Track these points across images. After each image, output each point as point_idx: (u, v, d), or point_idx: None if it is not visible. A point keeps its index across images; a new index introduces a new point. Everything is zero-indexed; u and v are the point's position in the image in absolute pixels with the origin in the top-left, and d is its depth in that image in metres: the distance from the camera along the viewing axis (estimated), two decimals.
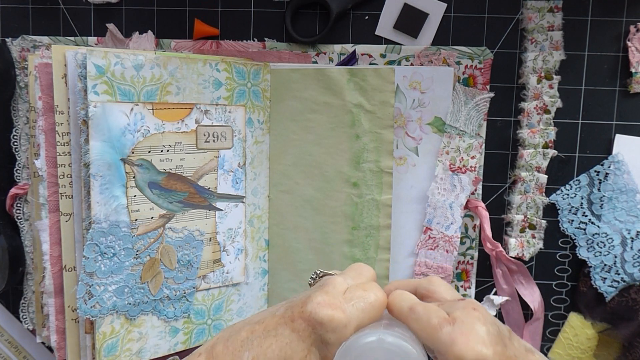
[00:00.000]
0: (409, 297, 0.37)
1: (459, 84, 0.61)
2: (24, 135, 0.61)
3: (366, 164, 0.61)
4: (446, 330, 0.33)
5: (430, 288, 0.40)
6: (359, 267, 0.40)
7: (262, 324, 0.36)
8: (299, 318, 0.35)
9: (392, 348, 0.33)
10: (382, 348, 0.33)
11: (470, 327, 0.33)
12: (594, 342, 0.63)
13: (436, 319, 0.34)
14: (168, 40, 0.62)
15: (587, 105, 0.63)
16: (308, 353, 0.34)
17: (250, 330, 0.36)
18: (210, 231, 0.58)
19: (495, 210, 0.64)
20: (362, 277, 0.39)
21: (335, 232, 0.62)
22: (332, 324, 0.34)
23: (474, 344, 0.32)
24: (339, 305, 0.35)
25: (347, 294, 0.36)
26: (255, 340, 0.35)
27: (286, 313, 0.36)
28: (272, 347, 0.34)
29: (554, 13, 0.60)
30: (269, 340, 0.35)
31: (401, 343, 0.33)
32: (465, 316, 0.34)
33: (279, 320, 0.35)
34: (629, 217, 0.62)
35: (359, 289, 0.36)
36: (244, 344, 0.35)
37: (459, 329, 0.33)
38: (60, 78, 0.53)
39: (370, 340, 0.33)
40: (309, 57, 0.62)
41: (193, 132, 0.56)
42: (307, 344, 0.34)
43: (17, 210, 0.61)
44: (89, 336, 0.54)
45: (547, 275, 0.65)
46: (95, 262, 0.51)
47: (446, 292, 0.39)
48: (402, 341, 0.33)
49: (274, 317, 0.36)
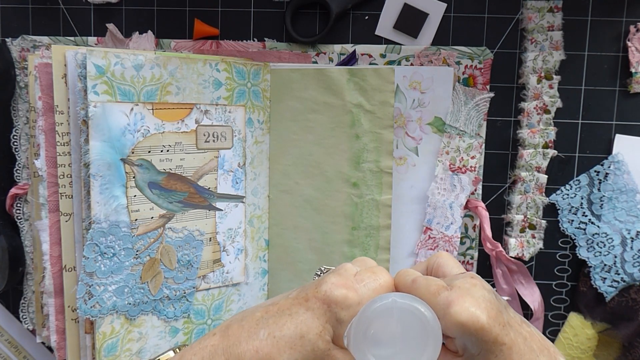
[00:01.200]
0: (412, 272, 0.39)
1: (459, 84, 0.61)
2: (24, 135, 0.61)
3: (366, 164, 0.61)
4: (444, 295, 0.35)
5: (438, 261, 0.41)
6: (363, 259, 0.42)
7: (275, 305, 0.38)
8: (313, 298, 0.36)
9: (406, 307, 0.34)
10: (397, 308, 0.34)
11: (466, 291, 0.35)
12: (594, 342, 0.63)
13: (435, 287, 0.36)
14: (168, 40, 0.62)
15: (587, 105, 0.63)
16: (323, 330, 0.36)
17: (265, 311, 0.38)
18: (210, 231, 0.58)
19: (495, 210, 0.64)
20: (367, 266, 0.41)
21: (335, 232, 0.62)
22: (347, 302, 0.36)
23: (469, 305, 0.34)
24: (351, 285, 0.37)
25: (357, 276, 0.38)
26: (271, 319, 0.37)
27: (300, 294, 0.37)
28: (288, 324, 0.36)
29: (554, 13, 0.60)
30: (284, 319, 0.36)
31: (414, 300, 0.34)
32: (463, 283, 0.36)
33: (293, 302, 0.37)
34: (629, 217, 0.62)
35: (368, 272, 0.39)
36: (259, 323, 0.37)
37: (456, 293, 0.35)
38: (60, 78, 0.53)
39: (384, 302, 0.34)
40: (309, 57, 0.62)
41: (193, 132, 0.56)
42: (321, 321, 0.36)
43: (17, 210, 0.61)
44: (89, 336, 0.54)
45: (547, 275, 0.65)
46: (95, 262, 0.51)
47: (453, 266, 0.41)
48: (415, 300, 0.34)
49: (288, 299, 0.38)
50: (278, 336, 0.36)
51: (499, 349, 0.34)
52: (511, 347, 0.34)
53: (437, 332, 0.33)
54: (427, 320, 0.34)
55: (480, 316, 0.33)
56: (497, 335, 0.34)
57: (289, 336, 0.35)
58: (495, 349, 0.34)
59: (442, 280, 0.37)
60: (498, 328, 0.34)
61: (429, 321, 0.34)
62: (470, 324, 0.33)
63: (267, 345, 0.36)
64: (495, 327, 0.34)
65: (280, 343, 0.35)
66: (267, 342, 0.36)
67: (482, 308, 0.34)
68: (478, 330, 0.33)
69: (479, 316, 0.33)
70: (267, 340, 0.36)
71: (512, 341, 0.34)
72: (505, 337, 0.34)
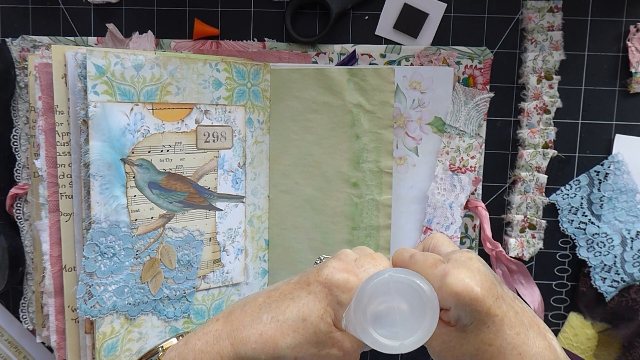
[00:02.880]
0: (409, 249, 0.40)
1: (459, 84, 0.61)
2: (24, 135, 0.61)
3: (366, 164, 0.61)
4: (440, 267, 0.36)
5: (434, 242, 0.42)
6: (363, 247, 0.43)
7: (277, 290, 0.39)
8: (314, 282, 0.37)
9: (402, 280, 0.35)
10: (393, 282, 0.35)
11: (462, 264, 0.36)
12: (594, 342, 0.63)
13: (432, 260, 0.37)
14: (168, 40, 0.62)
15: (587, 105, 0.63)
16: (324, 312, 0.37)
17: (267, 296, 0.39)
18: (210, 231, 0.58)
19: (495, 210, 0.64)
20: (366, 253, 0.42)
21: (335, 232, 0.62)
22: (347, 285, 0.37)
23: (464, 276, 0.35)
24: (352, 270, 0.38)
25: (357, 262, 0.39)
26: (273, 303, 0.38)
27: (301, 279, 0.38)
28: (290, 308, 0.37)
29: (554, 13, 0.60)
30: (287, 303, 0.37)
31: (410, 273, 0.35)
32: (459, 256, 0.37)
33: (295, 286, 0.38)
34: (629, 217, 0.62)
35: (368, 257, 0.40)
36: (262, 307, 0.38)
37: (452, 264, 0.36)
38: (60, 78, 0.53)
39: (381, 277, 0.35)
40: (309, 57, 0.62)
41: (193, 132, 0.56)
42: (323, 304, 0.37)
43: (17, 210, 0.61)
44: (89, 336, 0.54)
45: (547, 275, 0.65)
46: (95, 262, 0.51)
47: (447, 244, 0.42)
48: (411, 274, 0.35)
49: (289, 284, 0.39)
50: (281, 320, 0.37)
51: (491, 320, 0.35)
52: (502, 319, 0.35)
53: (434, 303, 0.34)
54: (424, 292, 0.34)
55: (475, 287, 0.34)
56: (490, 306, 0.34)
57: (291, 319, 0.37)
58: (488, 320, 0.35)
59: (438, 256, 0.38)
60: (491, 300, 0.35)
61: (426, 293, 0.34)
62: (464, 294, 0.34)
63: (270, 328, 0.37)
64: (489, 299, 0.34)
65: (284, 326, 0.36)
66: (271, 326, 0.37)
67: (477, 280, 0.35)
68: (472, 300, 0.34)
69: (473, 287, 0.34)
70: (270, 324, 0.37)
71: (504, 313, 0.35)
72: (498, 309, 0.35)
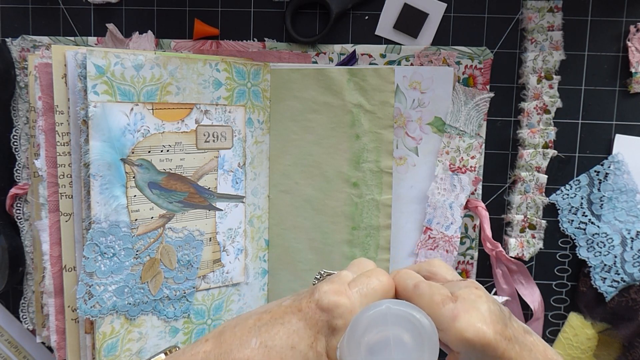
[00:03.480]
0: (414, 276, 0.38)
1: (459, 84, 0.61)
2: (24, 135, 0.61)
3: (366, 164, 0.61)
4: (449, 307, 0.34)
5: (432, 270, 0.41)
6: (360, 261, 0.41)
7: (269, 313, 0.37)
8: (306, 307, 0.36)
9: (400, 313, 0.33)
10: (391, 314, 0.33)
11: (472, 305, 0.34)
12: (594, 342, 0.63)
13: (439, 296, 0.35)
14: (168, 40, 0.62)
15: (587, 105, 0.63)
16: (315, 340, 0.35)
17: (258, 319, 0.37)
18: (210, 231, 0.58)
19: (495, 210, 0.64)
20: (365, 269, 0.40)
21: (335, 232, 0.62)
22: (339, 309, 0.35)
23: (475, 321, 0.33)
24: (344, 292, 0.36)
25: (352, 283, 0.37)
26: (263, 327, 0.36)
27: (293, 303, 0.37)
28: (280, 334, 0.35)
29: (554, 13, 0.60)
30: (277, 328, 0.36)
31: (409, 306, 0.33)
32: (468, 294, 0.35)
33: (286, 310, 0.37)
34: (629, 217, 0.62)
35: (362, 277, 0.38)
36: (251, 331, 0.36)
37: (462, 305, 0.34)
38: (60, 78, 0.53)
39: (378, 309, 0.33)
40: (309, 57, 0.62)
41: (193, 132, 0.56)
42: (313, 331, 0.35)
43: (17, 210, 0.61)
44: (89, 336, 0.54)
45: (547, 275, 0.65)
46: (95, 262, 0.51)
47: (447, 273, 0.40)
48: (410, 307, 0.33)
49: (281, 307, 0.37)
50: (270, 346, 0.35)
51: None
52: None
53: (433, 339, 0.33)
54: (422, 327, 0.33)
55: (487, 332, 0.33)
56: (504, 350, 0.33)
57: (280, 346, 0.35)
58: None
59: (445, 289, 0.36)
60: (504, 343, 0.33)
61: (425, 328, 0.33)
62: (476, 340, 0.33)
63: (258, 354, 0.35)
64: (502, 342, 0.33)
65: (271, 353, 0.35)
66: (259, 352, 0.35)
67: (489, 323, 0.33)
68: (484, 347, 0.33)
69: (486, 332, 0.33)
70: (258, 350, 0.35)
71: (518, 355, 0.34)
72: (512, 351, 0.33)
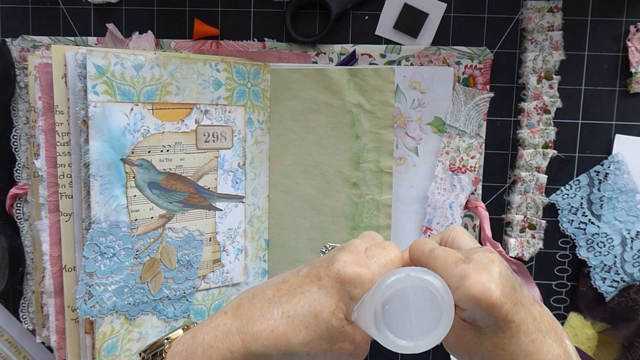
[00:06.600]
0: (429, 242, 0.39)
1: (459, 84, 0.61)
2: (24, 135, 0.61)
3: (366, 164, 0.61)
4: (461, 267, 0.35)
5: (452, 234, 0.41)
6: (370, 233, 0.42)
7: (286, 283, 0.38)
8: (325, 276, 0.36)
9: (419, 280, 0.34)
10: (410, 281, 0.34)
11: (484, 267, 0.35)
12: (594, 342, 0.63)
13: (452, 258, 0.36)
14: (168, 40, 0.62)
15: (587, 105, 0.63)
16: (336, 308, 0.36)
17: (276, 289, 0.38)
18: (210, 231, 0.58)
19: (495, 210, 0.64)
20: (375, 241, 0.41)
21: (335, 232, 0.62)
22: (360, 279, 0.36)
23: (485, 280, 0.34)
24: (363, 262, 0.37)
25: (368, 252, 0.38)
26: (283, 297, 0.37)
27: (311, 272, 0.37)
28: (301, 303, 0.36)
29: (554, 13, 0.60)
30: (297, 297, 0.37)
31: (427, 273, 0.34)
32: (482, 257, 0.35)
33: (304, 280, 0.37)
34: (628, 217, 0.62)
35: (378, 247, 0.38)
36: (271, 301, 0.37)
37: (473, 266, 0.35)
38: (60, 78, 0.53)
39: (398, 276, 0.34)
40: (309, 57, 0.62)
41: (193, 132, 0.56)
42: (335, 299, 0.36)
43: (17, 210, 0.61)
44: (89, 336, 0.54)
45: (547, 275, 0.65)
46: (95, 262, 0.51)
47: (468, 239, 0.41)
48: (427, 273, 0.34)
49: (298, 277, 0.38)
50: (292, 315, 0.36)
51: (507, 326, 0.34)
52: (519, 326, 0.34)
53: (449, 304, 0.34)
54: (440, 293, 0.34)
55: (494, 292, 0.33)
56: (508, 312, 0.34)
57: (303, 315, 0.36)
58: (504, 326, 0.34)
59: (460, 253, 0.37)
60: (509, 305, 0.34)
61: (442, 294, 0.34)
62: (482, 299, 0.33)
63: (282, 324, 0.36)
64: (507, 304, 0.34)
65: (295, 322, 0.36)
66: (282, 322, 0.36)
67: (497, 284, 0.34)
68: (489, 306, 0.33)
69: (493, 292, 0.33)
70: (281, 320, 0.36)
71: (522, 320, 0.35)
72: (516, 315, 0.34)
